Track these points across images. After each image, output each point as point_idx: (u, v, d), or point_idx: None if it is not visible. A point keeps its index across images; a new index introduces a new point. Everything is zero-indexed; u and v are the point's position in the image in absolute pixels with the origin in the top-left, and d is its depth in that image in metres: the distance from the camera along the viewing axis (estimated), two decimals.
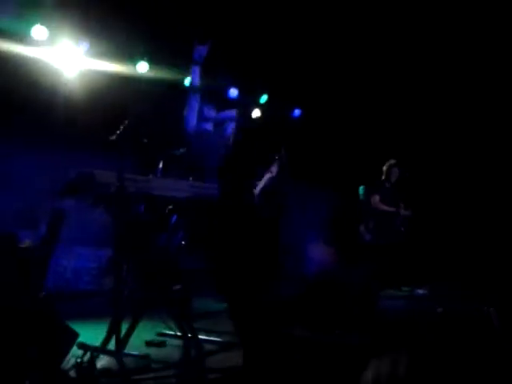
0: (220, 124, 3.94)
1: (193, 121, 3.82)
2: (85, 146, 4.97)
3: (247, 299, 4.15)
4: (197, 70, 3.73)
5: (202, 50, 3.88)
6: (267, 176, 5.40)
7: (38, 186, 4.92)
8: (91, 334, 3.15)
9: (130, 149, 3.87)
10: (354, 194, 7.75)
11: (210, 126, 3.93)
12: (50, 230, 3.83)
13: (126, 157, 3.80)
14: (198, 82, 3.73)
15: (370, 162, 7.71)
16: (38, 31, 5.27)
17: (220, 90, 7.10)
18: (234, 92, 7.17)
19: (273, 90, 7.40)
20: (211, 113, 3.92)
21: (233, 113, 4.04)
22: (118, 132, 3.49)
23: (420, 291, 6.41)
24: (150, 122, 4.02)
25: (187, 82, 6.65)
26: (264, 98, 7.45)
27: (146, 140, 3.97)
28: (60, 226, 3.81)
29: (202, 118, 3.89)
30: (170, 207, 3.88)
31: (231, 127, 3.99)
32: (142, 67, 6.13)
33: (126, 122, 3.52)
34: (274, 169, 5.38)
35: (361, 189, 7.47)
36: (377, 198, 6.94)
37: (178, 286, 3.83)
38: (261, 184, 5.41)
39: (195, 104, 3.77)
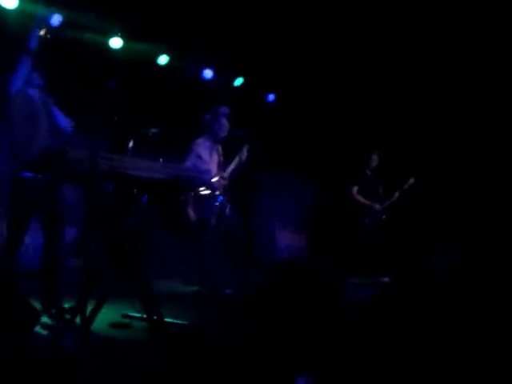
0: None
1: (18, 84, 3.76)
2: None
3: None
4: (36, 33, 3.70)
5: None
6: (236, 160, 5.40)
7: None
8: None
9: (103, 127, 3.81)
10: (331, 181, 7.84)
11: (35, 93, 3.87)
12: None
13: (100, 134, 3.73)
14: (35, 46, 3.70)
15: (347, 149, 7.78)
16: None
17: (195, 71, 7.02)
18: (208, 73, 7.10)
19: (248, 74, 7.35)
20: (38, 80, 3.89)
21: None
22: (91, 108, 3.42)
23: (384, 279, 6.52)
24: (122, 100, 3.94)
25: (162, 60, 6.55)
26: (239, 81, 7.39)
27: (116, 118, 3.90)
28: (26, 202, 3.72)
29: (29, 83, 3.84)
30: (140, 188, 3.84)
31: None
32: (116, 42, 5.99)
33: (102, 99, 3.45)
34: (244, 154, 5.37)
35: None
36: (355, 188, 7.05)
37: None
38: (230, 168, 5.39)
39: (25, 68, 3.75)
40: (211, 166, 5.27)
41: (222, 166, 5.37)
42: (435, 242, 6.89)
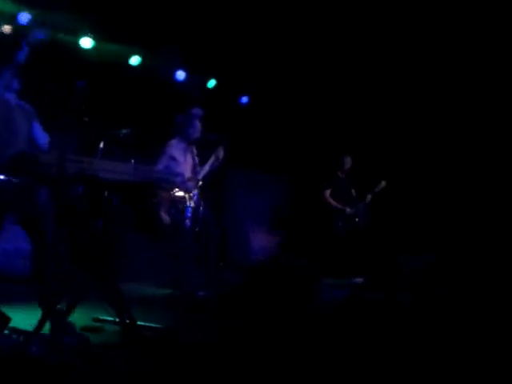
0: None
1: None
2: None
3: None
4: (26, 46, 3.70)
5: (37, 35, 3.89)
6: (211, 162, 5.36)
7: None
8: (24, 318, 3.04)
9: (72, 128, 3.76)
10: (304, 182, 7.88)
11: (12, 97, 3.82)
12: None
13: (69, 136, 3.68)
14: (23, 59, 3.71)
15: (321, 150, 7.82)
16: None
17: (167, 72, 6.97)
18: (181, 74, 7.06)
19: (221, 76, 7.34)
20: (17, 85, 3.83)
21: None
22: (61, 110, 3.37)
23: (358, 280, 6.58)
24: (92, 101, 3.89)
25: (134, 61, 6.49)
26: (212, 83, 7.37)
27: (86, 119, 3.85)
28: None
29: (9, 88, 3.80)
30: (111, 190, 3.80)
31: None
32: (86, 42, 5.91)
33: (70, 99, 3.40)
34: (219, 154, 5.33)
35: None
36: (327, 192, 7.13)
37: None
38: (204, 169, 5.37)
39: (8, 78, 3.73)
40: (185, 168, 5.23)
41: (196, 168, 5.34)
42: (410, 242, 6.98)
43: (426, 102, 7.60)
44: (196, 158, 5.39)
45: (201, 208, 5.15)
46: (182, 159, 5.22)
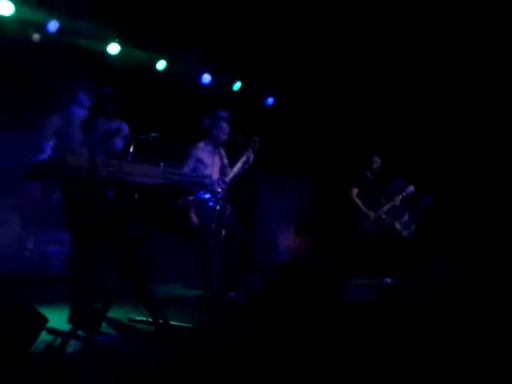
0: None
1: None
2: None
3: None
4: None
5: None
6: (240, 164, 5.34)
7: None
8: (61, 319, 3.10)
9: (101, 131, 3.82)
10: (331, 182, 7.82)
11: (80, 112, 3.94)
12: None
13: (98, 140, 3.74)
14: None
15: (348, 151, 7.77)
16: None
17: (193, 76, 7.02)
18: (207, 78, 7.10)
19: (246, 77, 7.36)
20: (86, 100, 3.96)
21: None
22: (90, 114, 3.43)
23: (388, 280, 6.51)
24: (120, 106, 3.96)
25: (160, 65, 6.56)
26: (238, 86, 7.40)
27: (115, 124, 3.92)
28: None
29: (77, 102, 3.95)
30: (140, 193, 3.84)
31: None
32: (113, 48, 6.00)
33: (97, 103, 3.46)
34: (249, 156, 5.32)
35: None
36: (355, 190, 7.01)
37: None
38: (233, 171, 5.38)
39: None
40: (212, 170, 5.25)
41: (225, 170, 5.35)
42: (437, 244, 6.90)
43: (456, 105, 7.53)
44: (225, 161, 5.41)
45: (227, 210, 5.17)
46: (210, 161, 5.25)
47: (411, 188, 6.96)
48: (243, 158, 5.31)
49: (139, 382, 2.57)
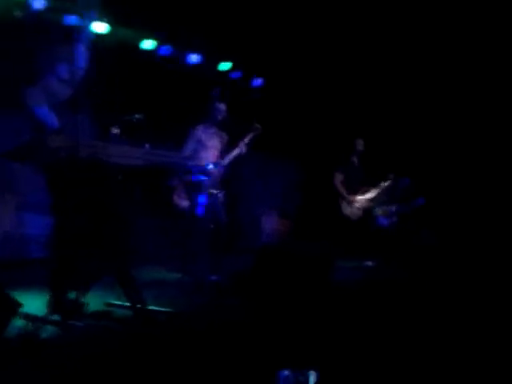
0: None
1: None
2: None
3: None
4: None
5: None
6: (238, 149, 5.27)
7: None
8: (37, 304, 3.08)
9: (85, 113, 3.76)
10: (314, 166, 7.80)
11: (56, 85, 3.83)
12: None
13: (82, 121, 3.68)
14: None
15: (331, 134, 7.74)
16: None
17: (178, 55, 6.91)
18: (194, 57, 6.98)
19: (235, 58, 7.27)
20: (65, 73, 3.81)
21: None
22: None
23: (369, 263, 6.55)
24: (105, 86, 3.90)
25: (147, 45, 6.44)
26: (226, 66, 7.30)
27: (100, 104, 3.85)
28: None
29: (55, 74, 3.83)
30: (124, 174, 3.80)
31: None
32: (100, 27, 5.86)
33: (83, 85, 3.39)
34: (247, 142, 5.27)
35: None
36: (339, 177, 6.97)
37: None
38: (231, 156, 5.28)
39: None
40: (212, 153, 5.21)
41: (223, 154, 5.29)
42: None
43: (442, 93, 7.50)
44: (224, 144, 5.34)
45: (220, 195, 5.16)
46: (209, 144, 5.21)
47: (406, 181, 6.96)
48: (242, 143, 5.27)
49: (114, 367, 2.56)
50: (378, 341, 3.07)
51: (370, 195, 6.96)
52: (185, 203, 5.15)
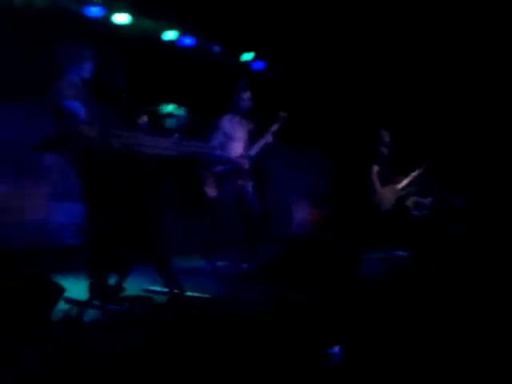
0: None
1: None
2: None
3: None
4: None
5: None
6: (265, 139, 5.24)
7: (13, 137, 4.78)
8: (78, 288, 3.14)
9: (111, 103, 3.79)
10: (344, 157, 7.75)
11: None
12: None
13: (109, 111, 3.71)
14: None
15: (361, 124, 7.67)
16: None
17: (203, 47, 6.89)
18: (216, 48, 6.94)
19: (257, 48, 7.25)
20: (88, 72, 3.92)
21: None
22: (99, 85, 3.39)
23: (400, 253, 6.48)
24: (131, 77, 3.92)
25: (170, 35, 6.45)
26: (249, 56, 7.28)
27: (125, 94, 3.87)
28: None
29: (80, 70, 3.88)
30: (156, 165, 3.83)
31: None
32: (121, 18, 5.90)
33: (109, 76, 3.42)
34: (274, 131, 5.23)
35: None
36: (375, 169, 6.79)
37: None
38: (258, 146, 5.27)
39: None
40: (238, 144, 5.19)
41: (250, 144, 5.27)
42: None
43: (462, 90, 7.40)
44: (250, 134, 5.31)
45: (249, 186, 5.15)
46: (236, 135, 5.18)
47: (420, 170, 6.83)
48: (269, 133, 5.23)
49: (152, 350, 2.59)
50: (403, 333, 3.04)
51: (401, 185, 6.86)
52: (214, 193, 5.17)
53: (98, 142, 3.31)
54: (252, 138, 5.32)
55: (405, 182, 6.88)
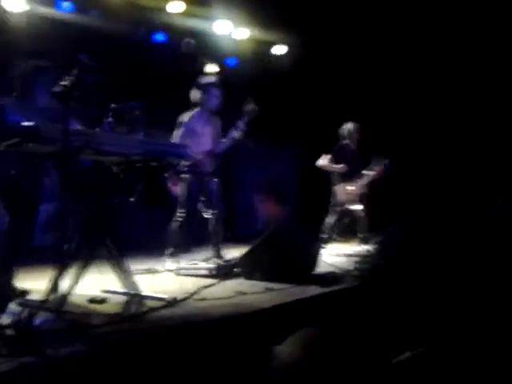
0: None
1: None
2: None
3: None
4: None
5: None
6: (234, 135, 5.17)
7: None
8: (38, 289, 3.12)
9: (75, 101, 3.75)
10: (310, 151, 7.78)
11: None
12: None
13: (72, 109, 3.67)
14: None
15: (329, 119, 7.72)
16: None
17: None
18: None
19: None
20: None
21: None
22: (63, 82, 3.35)
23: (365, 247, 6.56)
24: (98, 73, 3.88)
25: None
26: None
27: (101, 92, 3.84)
28: None
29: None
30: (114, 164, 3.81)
31: None
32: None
33: (73, 71, 3.38)
34: (241, 126, 5.13)
35: None
36: (325, 160, 6.79)
37: None
38: (226, 143, 5.23)
39: None
40: (206, 141, 5.15)
41: (218, 141, 5.23)
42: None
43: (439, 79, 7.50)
44: (219, 131, 5.27)
45: (214, 184, 5.13)
46: (203, 131, 5.13)
47: (385, 161, 6.79)
48: (237, 129, 5.15)
49: (110, 352, 2.60)
50: None
51: (363, 181, 6.82)
52: (178, 191, 5.14)
53: (59, 141, 3.27)
54: (220, 135, 5.28)
55: (366, 178, 6.81)
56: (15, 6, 5.44)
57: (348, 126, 6.89)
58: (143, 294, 3.57)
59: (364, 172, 6.84)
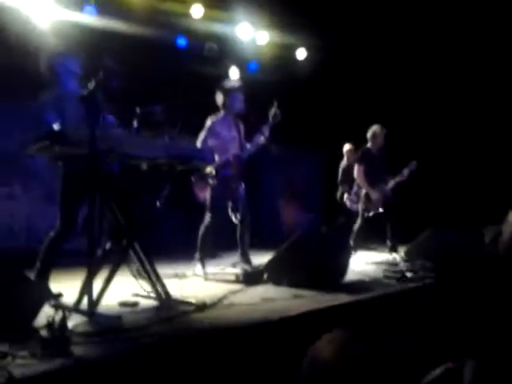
0: None
1: None
2: None
3: None
4: None
5: None
6: (259, 139, 5.07)
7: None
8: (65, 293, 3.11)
9: (102, 105, 3.76)
10: (335, 158, 7.71)
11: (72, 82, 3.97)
12: None
13: (98, 113, 3.68)
14: None
15: (354, 126, 7.64)
16: None
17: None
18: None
19: None
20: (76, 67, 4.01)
21: None
22: (89, 87, 3.36)
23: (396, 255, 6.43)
24: (123, 78, 3.88)
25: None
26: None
27: (118, 95, 3.84)
28: None
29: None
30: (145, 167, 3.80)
31: None
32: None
33: (99, 76, 3.38)
34: (266, 131, 5.03)
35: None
36: (361, 168, 6.60)
37: None
38: (251, 147, 5.13)
39: None
40: (231, 145, 5.07)
41: (243, 145, 5.15)
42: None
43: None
44: (242, 135, 5.19)
45: (240, 189, 5.09)
46: (227, 135, 5.06)
47: (414, 163, 6.63)
48: (262, 133, 5.05)
49: (141, 355, 2.57)
50: None
51: (389, 185, 6.63)
52: (205, 196, 5.08)
53: (86, 145, 3.27)
54: (245, 139, 5.24)
55: (392, 182, 6.65)
56: (42, 11, 5.51)
57: (374, 129, 6.76)
58: (173, 298, 3.54)
59: (390, 176, 6.71)
